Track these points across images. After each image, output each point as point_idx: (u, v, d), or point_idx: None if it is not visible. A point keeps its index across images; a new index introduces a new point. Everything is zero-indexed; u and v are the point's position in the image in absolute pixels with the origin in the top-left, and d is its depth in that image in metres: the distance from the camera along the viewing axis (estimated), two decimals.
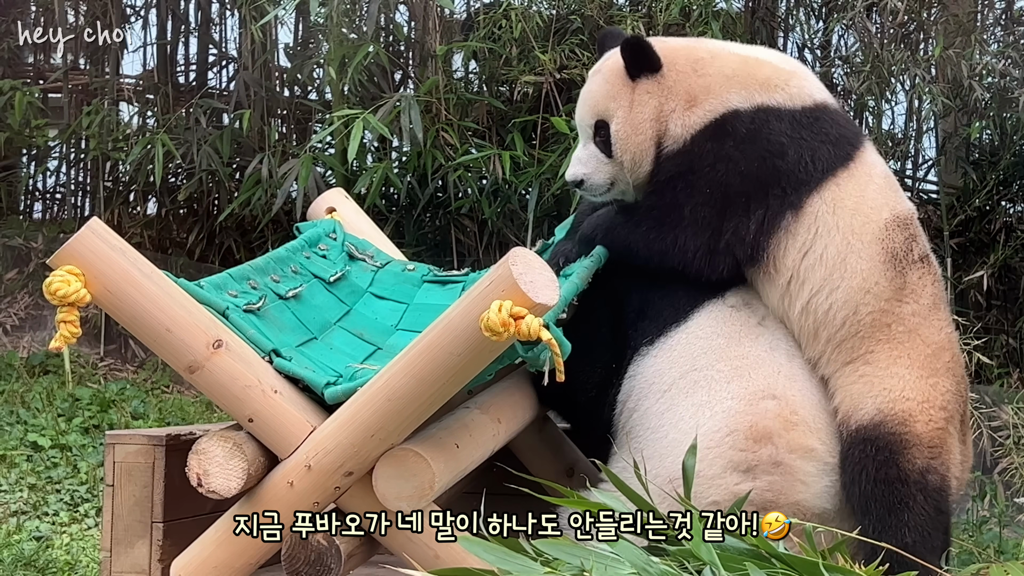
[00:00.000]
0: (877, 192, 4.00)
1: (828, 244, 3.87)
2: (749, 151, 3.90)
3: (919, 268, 3.92)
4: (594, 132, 4.03)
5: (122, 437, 3.79)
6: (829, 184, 3.91)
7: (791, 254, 3.88)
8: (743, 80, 3.98)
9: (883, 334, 3.84)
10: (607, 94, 4.00)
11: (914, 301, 3.88)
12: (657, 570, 2.86)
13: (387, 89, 8.10)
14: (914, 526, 3.67)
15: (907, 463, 3.71)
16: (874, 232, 3.91)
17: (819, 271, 3.86)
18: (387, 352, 3.76)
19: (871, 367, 3.82)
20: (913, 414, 3.76)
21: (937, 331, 3.91)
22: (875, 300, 3.85)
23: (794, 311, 3.89)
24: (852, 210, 3.92)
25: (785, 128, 3.93)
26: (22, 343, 8.81)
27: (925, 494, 3.71)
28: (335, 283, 4.18)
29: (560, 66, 7.39)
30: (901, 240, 3.93)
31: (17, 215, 9.47)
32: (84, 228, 3.26)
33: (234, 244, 8.90)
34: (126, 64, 9.55)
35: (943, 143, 8.10)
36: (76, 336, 3.24)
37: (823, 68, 8.05)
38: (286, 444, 3.37)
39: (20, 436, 7.37)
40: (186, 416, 7.81)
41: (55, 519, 6.68)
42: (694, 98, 3.95)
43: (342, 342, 3.89)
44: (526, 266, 3.12)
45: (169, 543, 3.73)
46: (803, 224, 3.89)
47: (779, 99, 3.97)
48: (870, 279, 3.86)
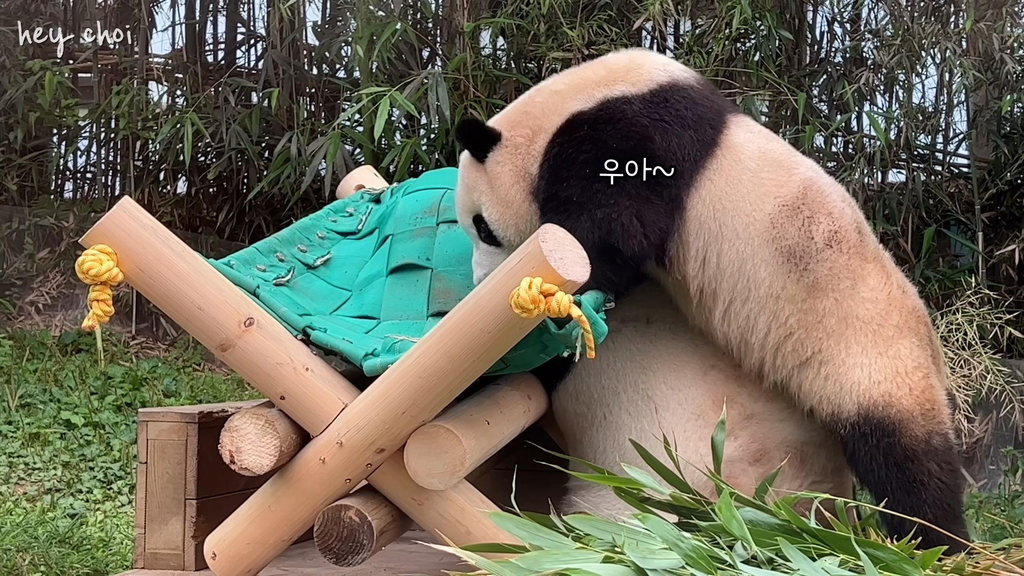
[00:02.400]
0: (752, 183, 3.68)
1: (720, 252, 3.64)
2: (611, 130, 3.61)
3: (827, 256, 3.67)
4: (476, 230, 3.74)
5: (155, 415, 3.81)
6: (702, 180, 3.64)
7: (690, 263, 3.66)
8: (577, 87, 3.71)
9: (820, 331, 3.67)
10: (467, 188, 3.73)
11: (833, 290, 3.68)
12: (688, 545, 2.87)
13: (415, 66, 8.10)
14: (933, 501, 3.64)
15: (909, 439, 3.65)
16: (761, 233, 3.64)
17: (723, 282, 3.66)
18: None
19: (831, 366, 3.68)
20: (892, 393, 3.66)
21: (871, 304, 3.70)
22: (790, 304, 3.67)
23: (715, 319, 3.70)
24: (731, 211, 3.64)
25: (640, 110, 3.63)
26: (54, 322, 8.86)
27: (937, 461, 3.67)
28: (362, 228, 4.16)
29: (588, 42, 7.37)
30: (795, 231, 3.65)
31: (48, 195, 9.51)
32: (116, 207, 3.28)
33: (263, 222, 8.92)
34: (155, 43, 9.59)
35: (974, 117, 8.04)
36: (109, 315, 3.26)
37: (853, 42, 8.00)
38: (318, 421, 3.38)
39: (53, 414, 7.42)
40: (217, 394, 7.85)
41: (89, 496, 6.73)
42: (535, 131, 3.67)
43: (369, 271, 3.89)
44: (556, 243, 3.12)
45: (202, 520, 3.75)
46: (690, 230, 3.63)
47: (622, 88, 3.67)
48: (775, 286, 3.65)
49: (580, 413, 3.89)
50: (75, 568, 5.42)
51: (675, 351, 3.83)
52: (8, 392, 7.59)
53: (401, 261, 3.87)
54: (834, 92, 7.73)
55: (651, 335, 3.86)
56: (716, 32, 7.25)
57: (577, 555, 2.89)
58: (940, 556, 3.06)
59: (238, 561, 3.48)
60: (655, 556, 2.85)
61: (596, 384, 3.85)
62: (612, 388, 3.84)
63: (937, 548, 3.08)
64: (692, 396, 3.78)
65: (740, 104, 7.19)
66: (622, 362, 3.85)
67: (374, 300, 3.86)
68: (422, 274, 3.82)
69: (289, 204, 8.56)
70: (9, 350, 8.23)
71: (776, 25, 7.26)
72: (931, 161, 8.24)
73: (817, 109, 7.77)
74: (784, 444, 3.78)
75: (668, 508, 3.20)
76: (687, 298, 3.74)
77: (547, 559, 2.86)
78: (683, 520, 3.14)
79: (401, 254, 3.90)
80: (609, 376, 3.85)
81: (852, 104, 7.45)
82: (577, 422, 3.90)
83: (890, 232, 7.52)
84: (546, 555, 2.88)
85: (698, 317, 3.76)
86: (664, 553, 2.86)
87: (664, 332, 3.86)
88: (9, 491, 6.72)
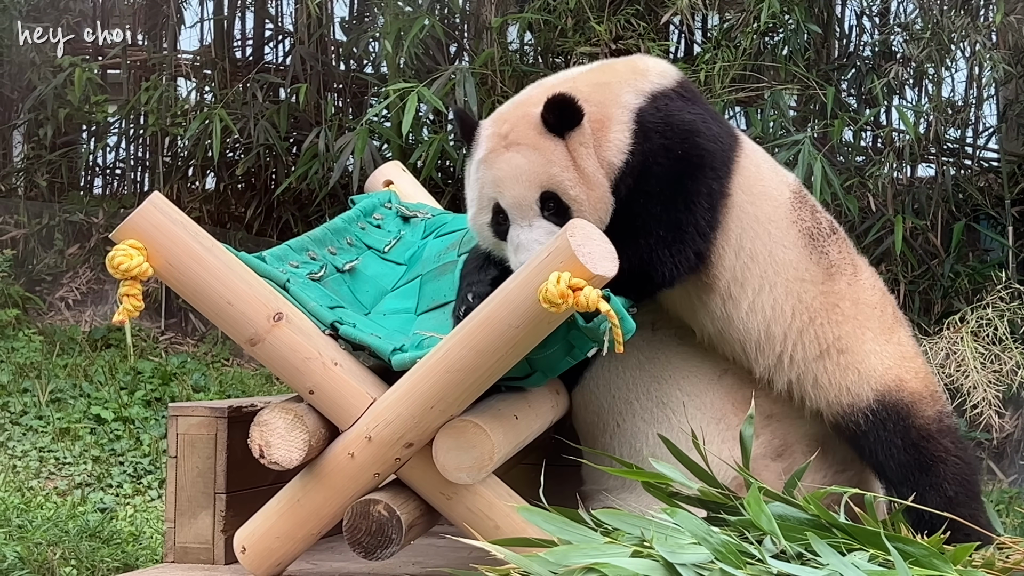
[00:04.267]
0: (770, 169, 3.79)
1: (755, 238, 3.67)
2: (672, 134, 3.59)
3: (834, 241, 3.79)
4: (541, 206, 3.52)
5: (184, 409, 3.82)
6: (736, 167, 3.66)
7: (727, 255, 3.66)
8: (618, 79, 3.67)
9: (837, 315, 3.74)
10: (545, 161, 3.51)
11: (842, 274, 3.77)
12: (717, 540, 2.86)
13: (442, 62, 8.11)
14: (953, 477, 3.68)
15: (921, 419, 3.71)
16: (785, 216, 3.73)
17: (754, 269, 3.67)
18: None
19: (849, 355, 3.73)
20: (902, 376, 3.74)
21: (872, 290, 3.83)
22: (812, 287, 3.73)
23: (740, 312, 3.69)
24: (762, 195, 3.70)
25: (680, 105, 3.64)
26: (84, 317, 8.91)
27: (951, 439, 3.74)
28: (390, 251, 4.18)
29: (616, 36, 7.37)
30: (809, 216, 3.76)
31: (78, 190, 9.57)
32: (146, 202, 3.29)
33: (292, 218, 8.95)
34: (184, 40, 9.62)
35: (1004, 110, 8.00)
36: (139, 309, 3.27)
37: (882, 35, 7.97)
38: (346, 416, 3.39)
39: (83, 409, 7.46)
40: (246, 389, 7.88)
41: (119, 491, 6.77)
42: (602, 121, 3.59)
43: (396, 304, 3.91)
44: (584, 237, 3.12)
45: (232, 514, 3.77)
46: (732, 218, 3.65)
47: (656, 81, 3.67)
48: (800, 267, 3.72)
49: (591, 422, 3.88)
50: (105, 562, 5.45)
51: (685, 357, 3.82)
52: (39, 387, 7.64)
53: (431, 304, 3.88)
54: (863, 86, 7.70)
55: (657, 342, 3.84)
56: (744, 26, 7.24)
57: (606, 550, 2.89)
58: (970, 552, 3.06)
59: (267, 555, 3.49)
60: (684, 551, 2.85)
61: (606, 394, 3.84)
62: (623, 397, 3.83)
63: (968, 544, 3.07)
64: (710, 401, 3.77)
65: (769, 98, 7.17)
66: (631, 371, 3.83)
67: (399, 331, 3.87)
68: (447, 307, 3.82)
69: (317, 200, 8.58)
70: (39, 345, 8.28)
71: (804, 19, 7.25)
72: (960, 155, 8.21)
73: (846, 103, 7.74)
74: (806, 437, 3.79)
75: (696, 503, 3.20)
76: (710, 297, 3.70)
77: (576, 553, 2.86)
78: (711, 515, 3.13)
79: (431, 296, 3.91)
80: (619, 386, 3.83)
81: (881, 98, 7.42)
82: (588, 431, 3.90)
83: (919, 227, 7.49)
84: (574, 549, 2.88)
85: (720, 317, 3.72)
86: (693, 548, 2.86)
87: (670, 339, 3.84)
88: (40, 485, 6.76)
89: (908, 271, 7.42)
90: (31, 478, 6.83)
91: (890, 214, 7.32)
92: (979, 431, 6.67)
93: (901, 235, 7.09)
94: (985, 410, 6.12)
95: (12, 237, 9.20)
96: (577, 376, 3.86)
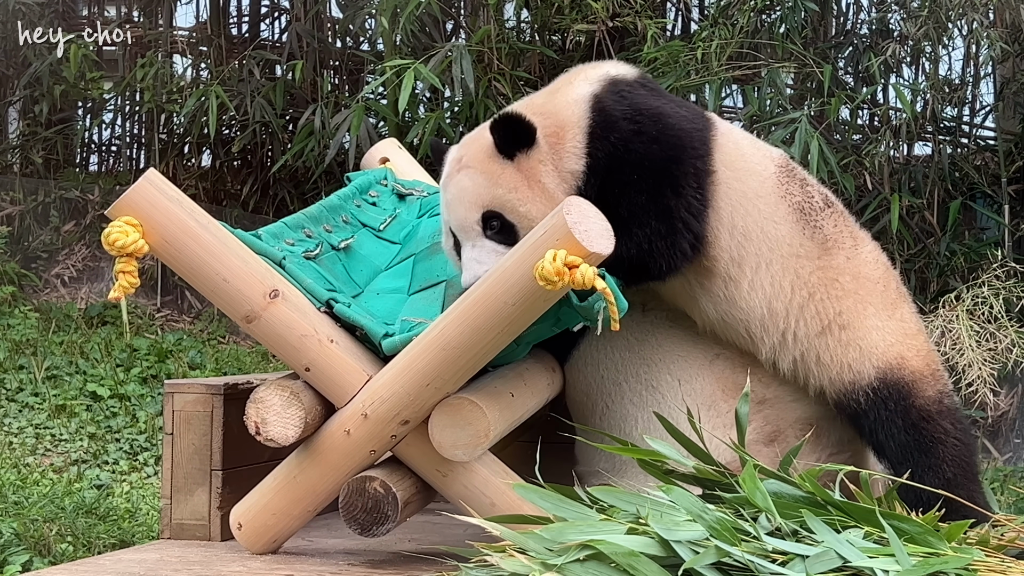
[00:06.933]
0: (750, 144, 3.75)
1: (746, 216, 3.64)
2: (642, 119, 3.58)
3: (829, 215, 3.74)
4: (484, 226, 3.50)
5: (181, 386, 3.83)
6: (715, 144, 3.63)
7: (723, 235, 3.63)
8: (569, 80, 3.67)
9: (837, 290, 3.70)
10: (490, 183, 3.50)
11: (841, 247, 3.73)
12: (713, 517, 2.87)
13: (439, 39, 8.09)
14: (951, 459, 3.66)
15: (922, 399, 3.68)
16: (773, 190, 3.69)
17: (749, 248, 3.64)
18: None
19: (851, 331, 3.70)
20: (903, 354, 3.70)
21: (874, 265, 3.78)
22: (809, 262, 3.69)
23: (742, 291, 3.66)
24: (746, 171, 3.67)
25: (644, 93, 3.64)
26: (80, 294, 8.91)
27: (951, 420, 3.70)
28: (385, 230, 4.17)
29: (612, 14, 7.34)
30: (799, 190, 3.71)
31: (73, 167, 9.55)
32: (142, 179, 3.29)
33: (288, 195, 8.94)
34: (179, 16, 9.59)
35: (1001, 89, 7.99)
36: (135, 286, 3.27)
37: (879, 13, 7.95)
38: (343, 393, 3.39)
39: (79, 386, 7.47)
40: (242, 366, 7.89)
41: (115, 468, 6.78)
42: (556, 131, 3.55)
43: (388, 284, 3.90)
44: (581, 215, 3.12)
45: (228, 491, 3.77)
46: (721, 196, 3.62)
47: (613, 72, 3.67)
48: (795, 243, 3.68)
49: (580, 402, 3.87)
50: (102, 539, 5.46)
51: (676, 340, 3.79)
52: (35, 364, 7.64)
53: (423, 284, 3.87)
54: (860, 64, 7.68)
55: (648, 324, 3.82)
56: (741, 4, 7.21)
57: (601, 527, 2.90)
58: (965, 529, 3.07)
59: (263, 532, 3.50)
60: (679, 528, 2.85)
61: (594, 374, 3.83)
62: (612, 379, 3.81)
63: (963, 522, 3.08)
64: (700, 387, 3.75)
65: (766, 76, 7.16)
66: (620, 352, 3.81)
67: (390, 311, 3.86)
68: (438, 287, 3.81)
69: (313, 177, 8.57)
70: (35, 322, 8.28)
71: None
72: (957, 134, 8.20)
73: (843, 81, 7.72)
74: (798, 422, 3.76)
75: (692, 480, 3.20)
76: (712, 281, 3.67)
77: (571, 530, 2.87)
78: (707, 492, 3.14)
79: (423, 276, 3.90)
80: (607, 367, 3.82)
81: (878, 76, 7.40)
82: (579, 410, 3.88)
83: (916, 205, 7.48)
84: (570, 527, 2.89)
85: (723, 299, 3.69)
86: (688, 525, 2.87)
87: (662, 321, 3.81)
88: (36, 462, 6.77)
89: (904, 249, 7.42)
90: (27, 455, 6.84)
91: (886, 192, 7.32)
92: (974, 409, 6.67)
93: (897, 213, 7.08)
94: (980, 388, 6.11)
95: (8, 214, 9.19)
96: (566, 354, 3.86)
